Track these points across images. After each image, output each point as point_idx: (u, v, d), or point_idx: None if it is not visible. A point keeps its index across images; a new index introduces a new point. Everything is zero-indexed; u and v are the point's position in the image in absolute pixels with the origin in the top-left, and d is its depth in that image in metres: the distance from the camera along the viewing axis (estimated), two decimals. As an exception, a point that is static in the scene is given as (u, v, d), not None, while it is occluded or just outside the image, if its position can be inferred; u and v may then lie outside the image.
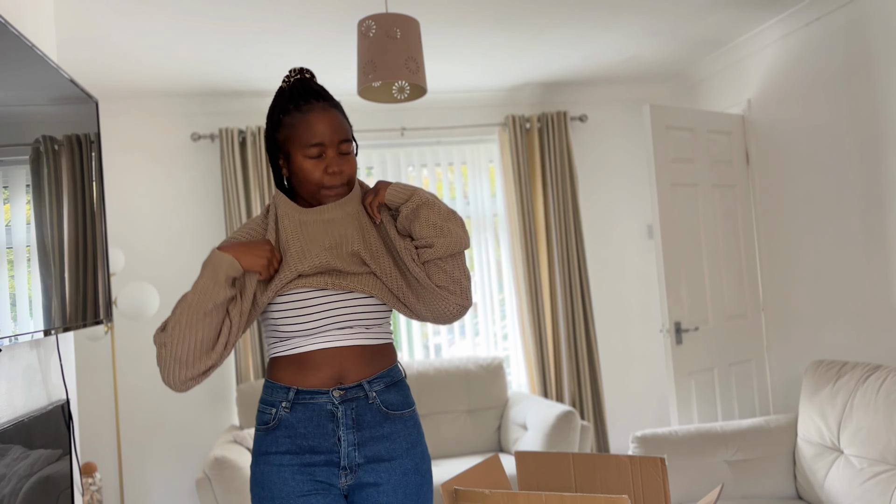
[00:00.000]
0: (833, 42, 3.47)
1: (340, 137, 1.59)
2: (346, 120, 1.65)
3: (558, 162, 4.62)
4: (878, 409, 2.76)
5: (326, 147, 1.59)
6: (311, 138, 1.58)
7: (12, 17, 2.17)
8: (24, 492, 1.88)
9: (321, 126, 1.58)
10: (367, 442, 1.59)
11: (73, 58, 3.61)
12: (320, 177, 1.59)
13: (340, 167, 1.59)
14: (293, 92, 1.62)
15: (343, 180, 1.61)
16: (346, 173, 1.61)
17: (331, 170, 1.59)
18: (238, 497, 3.27)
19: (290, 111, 1.60)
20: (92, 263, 2.36)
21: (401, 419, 1.64)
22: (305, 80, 1.66)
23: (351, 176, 1.63)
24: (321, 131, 1.58)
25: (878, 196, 3.27)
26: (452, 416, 4.24)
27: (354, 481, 1.60)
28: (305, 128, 1.58)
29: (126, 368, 4.27)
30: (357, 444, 1.59)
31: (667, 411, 4.78)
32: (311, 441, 1.58)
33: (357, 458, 1.59)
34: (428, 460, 1.69)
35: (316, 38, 3.58)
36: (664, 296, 3.68)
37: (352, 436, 1.58)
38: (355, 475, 1.59)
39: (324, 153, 1.59)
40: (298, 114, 1.59)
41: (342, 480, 1.59)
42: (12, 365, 2.01)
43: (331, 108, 1.61)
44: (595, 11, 3.52)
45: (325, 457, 1.58)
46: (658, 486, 1.73)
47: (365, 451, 1.59)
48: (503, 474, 1.84)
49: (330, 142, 1.58)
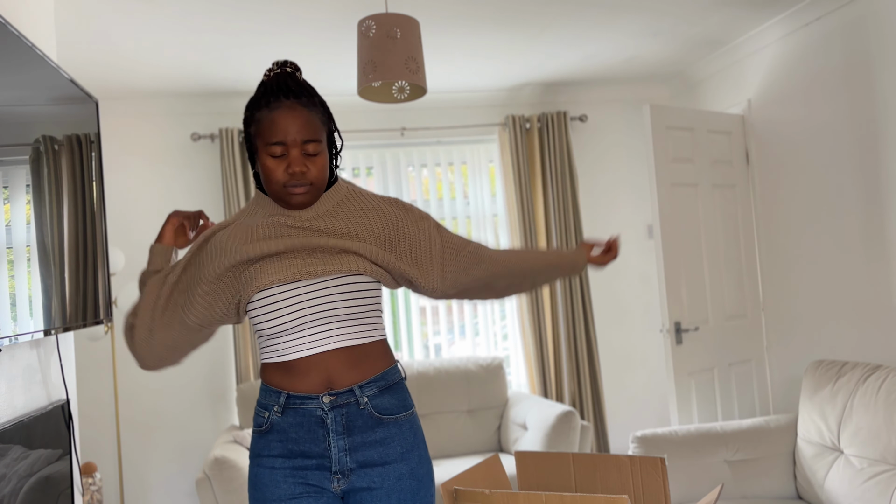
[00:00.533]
0: (833, 42, 3.47)
1: (305, 137, 1.54)
2: (324, 119, 1.59)
3: (558, 162, 4.63)
4: (878, 409, 2.76)
5: (288, 146, 1.53)
6: (272, 136, 1.54)
7: (12, 17, 2.17)
8: (24, 492, 1.88)
9: (284, 124, 1.53)
10: (359, 447, 1.57)
11: (73, 58, 3.61)
12: (281, 176, 1.54)
13: (302, 166, 1.54)
14: (267, 87, 1.58)
15: (305, 180, 1.55)
16: (309, 174, 1.55)
17: (291, 170, 1.53)
18: (238, 497, 3.27)
19: (261, 107, 1.56)
20: (92, 263, 2.36)
21: (395, 423, 1.61)
22: (284, 74, 1.59)
23: (316, 178, 1.56)
24: (283, 130, 1.53)
25: (878, 196, 3.27)
26: (452, 416, 4.24)
27: (347, 486, 1.58)
28: (269, 125, 1.54)
29: (126, 368, 4.27)
30: (348, 450, 1.57)
31: (667, 411, 4.78)
32: (301, 446, 1.57)
33: (348, 464, 1.57)
34: (426, 464, 1.65)
35: (316, 38, 3.58)
36: (664, 296, 3.68)
37: (342, 441, 1.57)
38: (348, 479, 1.58)
39: (286, 152, 1.54)
40: (266, 111, 1.55)
41: (335, 484, 1.58)
42: (12, 365, 2.01)
43: (300, 106, 1.55)
44: (595, 11, 3.52)
45: (316, 461, 1.57)
46: (658, 486, 1.73)
47: (356, 456, 1.57)
48: (503, 474, 1.84)
49: (292, 141, 1.53)
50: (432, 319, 4.71)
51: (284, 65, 1.62)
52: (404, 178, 4.68)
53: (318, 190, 1.59)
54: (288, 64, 1.63)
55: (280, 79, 1.58)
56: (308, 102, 1.57)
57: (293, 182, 1.55)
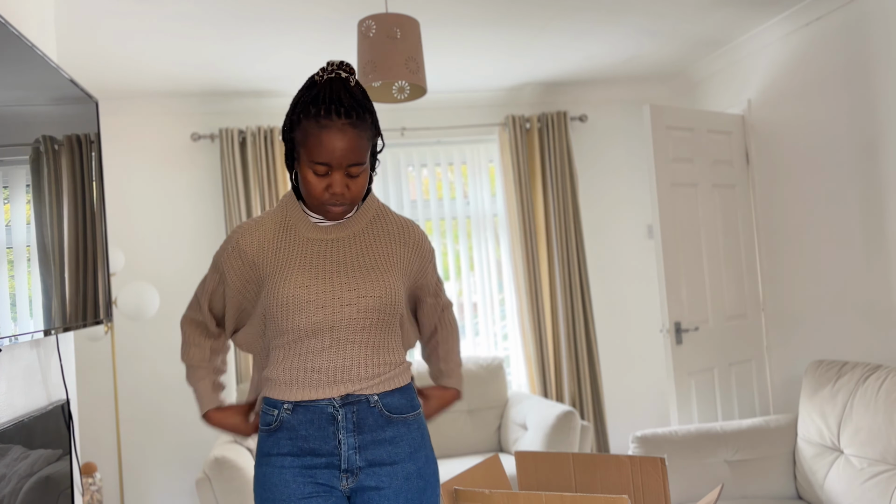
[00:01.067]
0: (833, 42, 3.47)
1: (350, 161, 1.51)
2: (371, 136, 1.55)
3: (558, 162, 4.63)
4: (878, 409, 2.76)
5: (333, 168, 1.51)
6: (318, 155, 1.50)
7: (12, 17, 2.17)
8: (24, 492, 1.88)
9: (331, 147, 1.48)
10: (369, 446, 1.58)
11: (73, 58, 3.61)
12: (321, 193, 1.53)
13: (343, 188, 1.53)
14: (319, 95, 1.51)
15: (345, 201, 1.55)
16: (350, 195, 1.55)
17: (332, 190, 1.52)
18: (238, 497, 3.27)
19: (310, 117, 1.50)
20: (92, 263, 2.36)
21: (404, 423, 1.62)
22: (338, 81, 1.52)
23: (355, 196, 1.56)
24: (329, 152, 1.49)
25: (878, 196, 3.27)
26: (452, 416, 4.24)
27: (356, 484, 1.58)
28: (316, 143, 1.49)
29: (126, 368, 4.27)
30: (358, 448, 1.57)
31: (667, 411, 4.78)
32: (311, 443, 1.57)
33: (358, 462, 1.57)
34: (433, 465, 1.66)
35: (316, 37, 3.58)
36: (664, 296, 3.68)
37: (352, 439, 1.57)
38: (356, 478, 1.58)
39: (329, 171, 1.52)
40: (315, 124, 1.49)
41: (343, 483, 1.58)
42: (12, 365, 2.01)
43: (350, 128, 1.49)
44: (595, 11, 3.52)
45: (325, 459, 1.57)
46: (658, 486, 1.73)
47: (366, 454, 1.58)
48: (503, 474, 1.84)
49: (338, 164, 1.50)
50: (432, 319, 4.71)
51: (340, 67, 1.54)
52: (404, 178, 4.68)
53: (355, 205, 1.61)
54: (344, 66, 1.55)
55: (335, 88, 1.51)
56: (359, 122, 1.51)
57: (332, 202, 1.55)
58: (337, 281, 1.58)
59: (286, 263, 1.59)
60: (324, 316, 1.56)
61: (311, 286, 1.57)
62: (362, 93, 1.56)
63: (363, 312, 1.58)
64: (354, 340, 1.58)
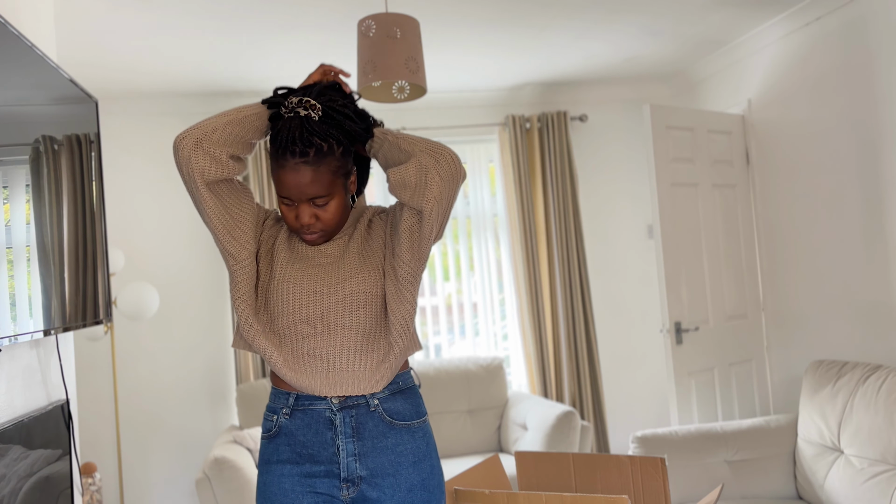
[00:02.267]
0: (833, 42, 3.47)
1: (309, 196, 1.53)
2: (334, 165, 1.54)
3: (558, 162, 4.62)
4: (878, 409, 2.76)
5: (295, 202, 1.55)
6: (280, 190, 1.55)
7: (12, 17, 2.17)
8: (24, 492, 1.88)
9: (289, 184, 1.52)
10: (369, 453, 1.54)
11: (73, 58, 3.61)
12: (293, 222, 1.58)
13: (311, 219, 1.55)
14: (279, 135, 1.52)
15: (315, 230, 1.57)
16: (320, 224, 1.57)
17: (300, 221, 1.55)
18: (238, 497, 3.27)
19: (273, 152, 1.54)
20: (92, 263, 2.36)
21: (408, 430, 1.58)
22: (296, 120, 1.51)
23: (327, 224, 1.57)
24: (288, 188, 1.53)
25: (879, 196, 3.27)
26: (452, 416, 4.24)
27: (357, 494, 1.55)
28: (277, 179, 1.54)
29: (126, 368, 4.27)
30: (357, 455, 1.54)
31: (667, 411, 4.78)
32: (310, 449, 1.55)
33: (358, 471, 1.54)
34: (438, 475, 1.61)
35: (316, 37, 3.58)
36: (664, 296, 3.68)
37: (351, 445, 1.54)
38: (357, 488, 1.55)
39: (295, 204, 1.56)
40: (275, 163, 1.54)
41: (344, 493, 1.55)
42: (12, 365, 2.01)
43: (304, 165, 1.50)
44: (595, 11, 3.52)
45: (325, 467, 1.54)
46: (658, 486, 1.73)
47: (367, 462, 1.54)
48: (503, 474, 1.84)
49: (298, 199, 1.54)
50: (432, 319, 4.71)
51: (300, 104, 1.53)
52: (404, 178, 4.67)
53: (332, 231, 1.61)
54: (303, 104, 1.53)
55: (291, 128, 1.51)
56: (316, 158, 1.51)
57: (303, 231, 1.58)
58: (323, 272, 1.58)
59: (277, 252, 1.62)
60: (312, 303, 1.55)
61: (298, 278, 1.57)
62: (328, 122, 1.53)
63: (349, 297, 1.56)
64: (344, 324, 1.55)
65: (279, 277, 1.58)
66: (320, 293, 1.56)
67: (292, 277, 1.58)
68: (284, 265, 1.60)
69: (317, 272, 1.58)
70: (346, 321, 1.56)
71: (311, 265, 1.60)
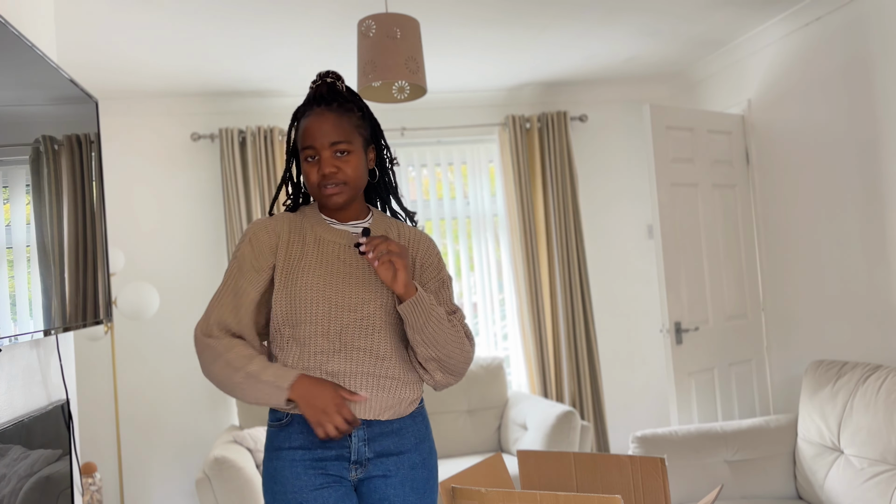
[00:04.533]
0: (833, 42, 3.47)
1: (332, 140, 1.62)
2: (359, 125, 1.67)
3: (558, 162, 4.63)
4: (878, 409, 2.76)
5: (318, 150, 1.63)
6: (305, 140, 1.64)
7: (12, 17, 2.17)
8: (24, 492, 1.88)
9: (313, 129, 1.63)
10: (377, 437, 1.64)
11: (73, 58, 3.61)
12: (315, 178, 1.64)
13: (333, 168, 1.62)
14: (307, 99, 1.69)
15: (338, 180, 1.63)
16: (340, 174, 1.63)
17: (322, 171, 1.62)
18: (238, 497, 3.27)
19: (300, 116, 1.68)
20: (92, 263, 2.36)
21: (410, 415, 1.69)
22: (322, 84, 1.69)
23: (349, 178, 1.64)
24: (312, 133, 1.63)
25: (879, 196, 3.27)
26: (452, 416, 4.24)
27: (364, 474, 1.65)
28: (303, 132, 1.65)
29: (126, 368, 4.27)
30: (367, 440, 1.64)
31: (667, 411, 4.78)
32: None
33: (367, 453, 1.64)
34: (435, 455, 1.75)
35: (316, 37, 3.58)
36: (664, 296, 3.68)
37: (362, 431, 1.63)
38: (365, 468, 1.64)
39: (317, 155, 1.63)
40: (302, 119, 1.67)
41: (353, 474, 1.64)
42: (12, 365, 2.01)
43: (329, 112, 1.64)
44: (595, 11, 3.52)
45: (336, 451, 1.62)
46: (658, 486, 1.73)
47: (374, 446, 1.64)
48: (506, 473, 1.84)
49: (321, 144, 1.62)
50: (432, 319, 4.71)
51: (325, 76, 1.70)
52: (404, 179, 4.68)
53: (354, 189, 1.66)
54: (329, 74, 1.70)
55: (319, 89, 1.68)
56: (339, 108, 1.65)
57: (325, 182, 1.63)
58: (344, 285, 1.63)
59: (300, 259, 1.65)
60: (331, 318, 1.60)
61: (324, 287, 1.62)
62: (350, 91, 1.71)
63: (366, 319, 1.62)
64: (360, 347, 1.62)
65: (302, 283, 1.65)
66: (336, 307, 1.63)
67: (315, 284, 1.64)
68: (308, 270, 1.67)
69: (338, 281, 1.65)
70: (362, 343, 1.63)
71: (328, 273, 1.65)
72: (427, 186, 4.71)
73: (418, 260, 1.74)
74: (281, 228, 1.69)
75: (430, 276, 1.74)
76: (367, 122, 1.70)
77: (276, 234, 1.68)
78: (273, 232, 1.68)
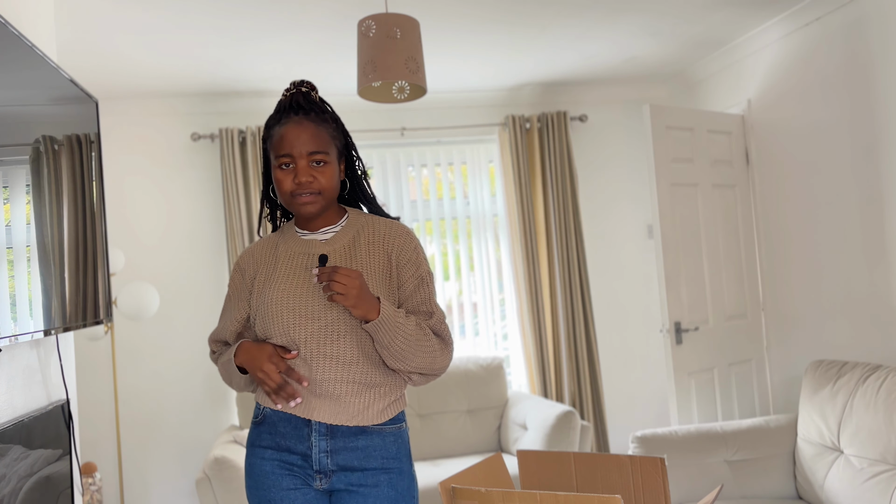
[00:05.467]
0: (833, 42, 3.47)
1: (310, 149, 1.62)
2: (334, 135, 1.68)
3: (558, 162, 4.62)
4: (878, 409, 2.76)
5: (295, 158, 1.62)
6: (280, 149, 1.63)
7: (12, 17, 2.17)
8: (24, 492, 1.88)
9: (290, 137, 1.62)
10: (340, 451, 1.63)
11: (73, 58, 3.61)
12: (290, 186, 1.63)
13: (308, 177, 1.62)
14: (280, 106, 1.68)
15: (312, 189, 1.63)
16: (316, 183, 1.63)
17: (298, 179, 1.62)
18: (238, 497, 3.27)
19: (273, 125, 1.67)
20: (92, 263, 2.36)
21: (379, 434, 1.65)
22: (297, 93, 1.69)
23: (324, 187, 1.64)
24: (289, 142, 1.62)
25: (878, 196, 3.27)
26: (452, 416, 4.24)
27: (329, 486, 1.65)
28: (279, 139, 1.64)
29: (126, 368, 4.27)
30: (329, 452, 1.63)
31: (667, 411, 4.78)
32: (287, 441, 1.65)
33: (329, 465, 1.64)
34: (407, 479, 1.67)
35: (316, 37, 3.58)
36: (664, 296, 3.68)
37: (324, 443, 1.63)
38: (329, 479, 1.65)
39: (293, 163, 1.63)
40: (277, 127, 1.66)
41: (317, 483, 1.65)
42: (12, 365, 2.01)
43: (308, 121, 1.64)
44: (595, 11, 3.52)
45: (300, 458, 1.65)
46: (658, 486, 1.73)
47: (336, 459, 1.64)
48: (506, 473, 1.84)
49: (298, 153, 1.62)
50: (432, 319, 4.71)
51: (300, 84, 1.71)
52: (404, 178, 4.68)
53: (327, 200, 1.66)
54: (303, 84, 1.71)
55: (293, 98, 1.68)
56: (317, 118, 1.65)
57: (300, 191, 1.62)
58: (307, 294, 1.63)
59: (272, 273, 1.69)
60: (295, 327, 1.61)
61: (287, 298, 1.63)
62: (322, 102, 1.72)
63: (329, 325, 1.61)
64: (326, 354, 1.61)
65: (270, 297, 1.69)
66: (301, 315, 1.64)
67: (279, 299, 1.67)
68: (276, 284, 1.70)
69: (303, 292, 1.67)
70: (328, 350, 1.63)
71: (295, 284, 1.68)
72: (427, 186, 4.71)
73: (394, 258, 1.67)
74: (261, 253, 1.75)
75: (407, 275, 1.68)
76: (340, 134, 1.71)
77: (255, 261, 1.74)
78: (252, 259, 1.75)
